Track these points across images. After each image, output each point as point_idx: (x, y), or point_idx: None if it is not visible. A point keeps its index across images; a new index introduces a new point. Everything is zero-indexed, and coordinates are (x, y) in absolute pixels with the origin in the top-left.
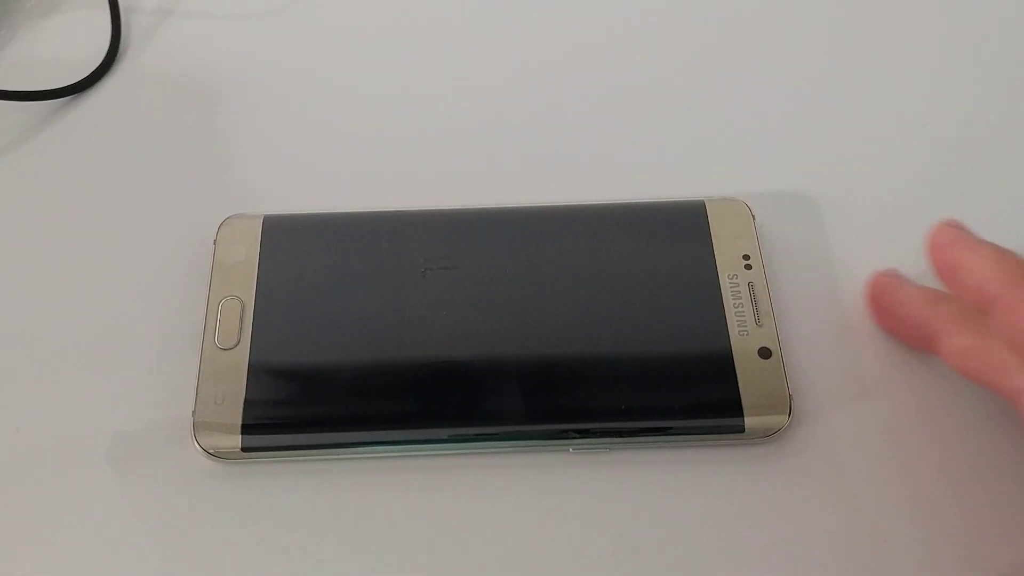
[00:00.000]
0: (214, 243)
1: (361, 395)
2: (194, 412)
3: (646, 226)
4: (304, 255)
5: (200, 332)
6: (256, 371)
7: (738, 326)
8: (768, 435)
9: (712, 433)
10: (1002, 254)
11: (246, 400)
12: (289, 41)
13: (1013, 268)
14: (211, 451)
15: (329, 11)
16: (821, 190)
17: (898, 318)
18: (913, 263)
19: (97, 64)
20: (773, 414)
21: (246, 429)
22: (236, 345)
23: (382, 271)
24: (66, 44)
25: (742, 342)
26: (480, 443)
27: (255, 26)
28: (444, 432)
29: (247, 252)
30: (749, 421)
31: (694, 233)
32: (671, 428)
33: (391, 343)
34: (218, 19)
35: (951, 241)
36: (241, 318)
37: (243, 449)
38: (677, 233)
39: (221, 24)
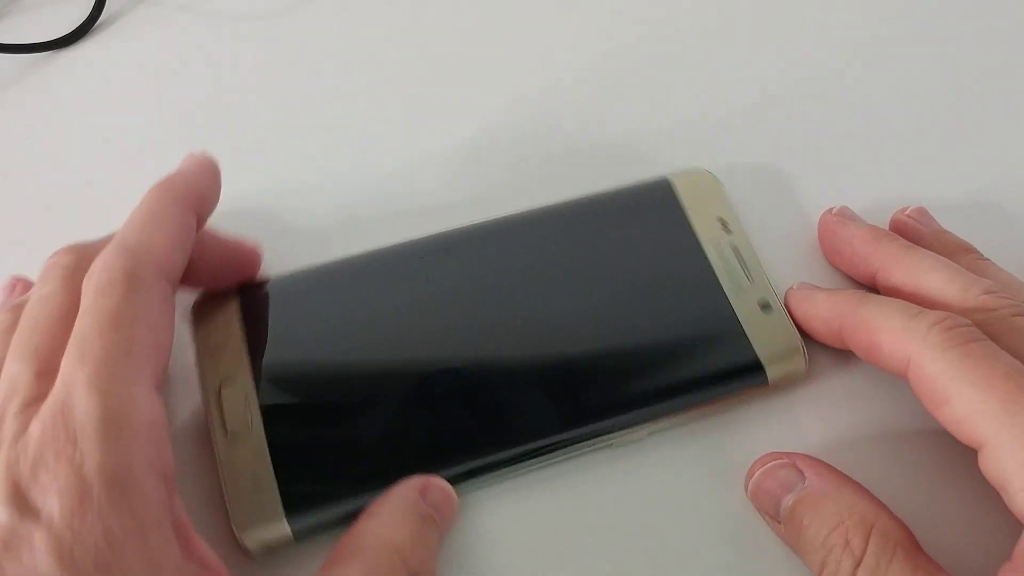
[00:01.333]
0: (192, 329)
1: (398, 443)
2: (230, 514)
3: (618, 213)
4: (290, 318)
5: (204, 426)
6: (279, 451)
7: (733, 287)
8: (792, 382)
9: (739, 393)
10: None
11: (281, 484)
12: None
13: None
14: (260, 547)
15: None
16: (778, 161)
17: (844, 257)
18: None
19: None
20: (791, 360)
21: (291, 515)
22: (249, 430)
23: (373, 313)
24: None
25: (741, 301)
26: (529, 461)
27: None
28: (489, 460)
29: (229, 330)
30: (771, 371)
31: (667, 209)
32: (700, 399)
33: (408, 383)
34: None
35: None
36: (246, 400)
37: (295, 536)
38: (650, 213)
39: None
